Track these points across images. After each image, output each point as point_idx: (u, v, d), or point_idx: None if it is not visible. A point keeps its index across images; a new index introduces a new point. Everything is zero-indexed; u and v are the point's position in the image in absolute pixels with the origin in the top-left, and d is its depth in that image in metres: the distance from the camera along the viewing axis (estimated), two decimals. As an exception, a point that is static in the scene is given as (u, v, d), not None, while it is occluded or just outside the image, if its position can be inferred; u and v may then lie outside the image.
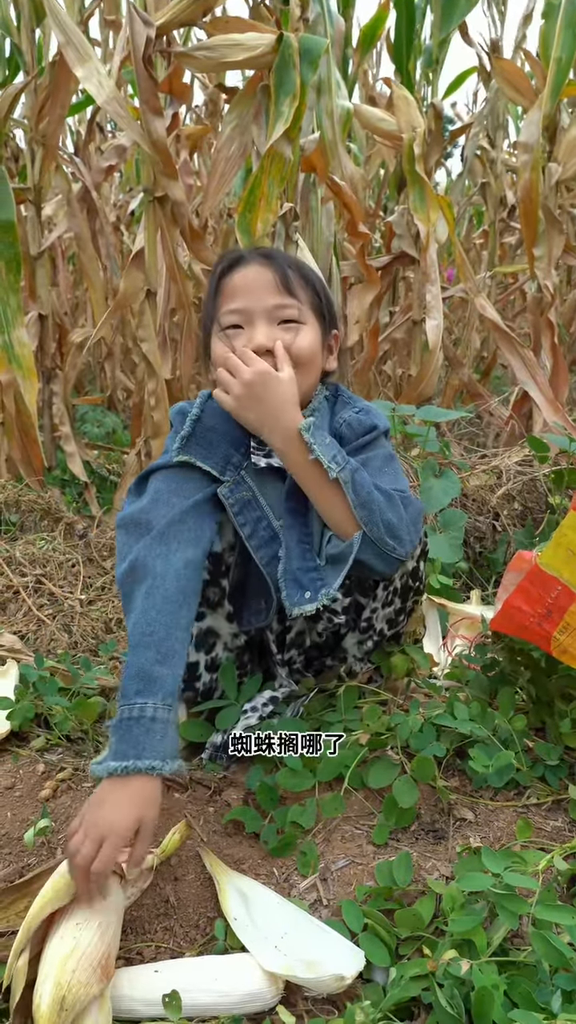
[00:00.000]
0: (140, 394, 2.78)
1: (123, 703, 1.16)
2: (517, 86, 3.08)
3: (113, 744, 1.14)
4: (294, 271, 1.36)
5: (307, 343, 1.36)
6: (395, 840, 1.29)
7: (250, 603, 1.47)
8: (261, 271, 1.35)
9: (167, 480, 1.36)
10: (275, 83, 2.24)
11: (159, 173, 2.37)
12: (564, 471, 2.17)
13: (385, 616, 1.49)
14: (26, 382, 2.62)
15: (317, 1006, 1.05)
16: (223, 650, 1.51)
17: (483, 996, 0.95)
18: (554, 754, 1.39)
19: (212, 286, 1.40)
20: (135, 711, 1.15)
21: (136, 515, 1.32)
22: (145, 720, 1.14)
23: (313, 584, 1.33)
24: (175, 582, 1.24)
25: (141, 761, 1.11)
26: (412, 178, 3.05)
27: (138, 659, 1.18)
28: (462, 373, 3.58)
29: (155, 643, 1.19)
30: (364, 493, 1.30)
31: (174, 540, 1.28)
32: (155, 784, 1.13)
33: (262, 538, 1.40)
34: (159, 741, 1.14)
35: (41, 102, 3.02)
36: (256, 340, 1.32)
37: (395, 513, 1.32)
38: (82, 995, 0.96)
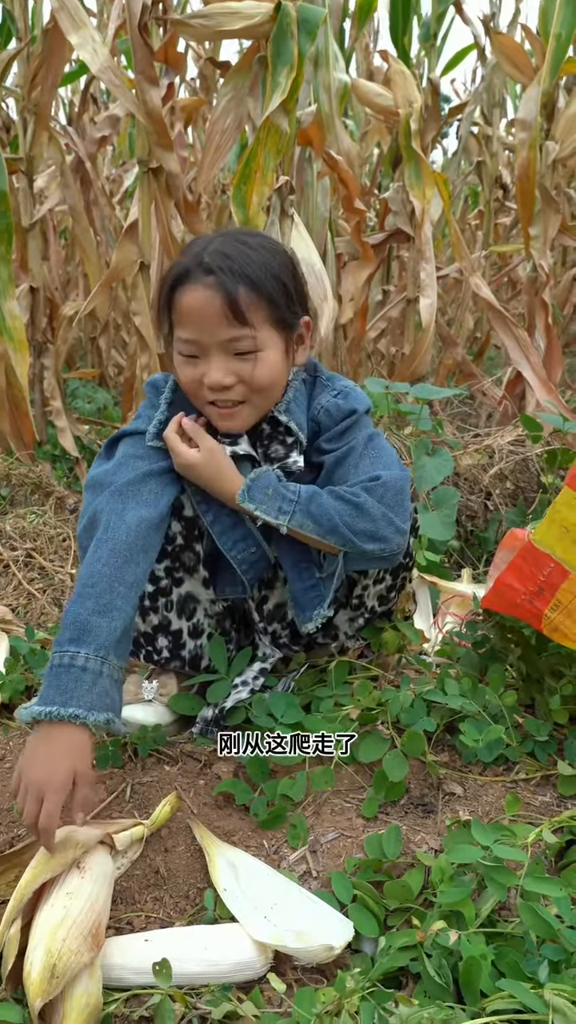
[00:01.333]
0: (132, 368, 2.76)
1: (55, 649, 1.15)
2: (516, 62, 3.05)
3: (42, 690, 1.13)
4: (245, 287, 1.26)
5: (266, 371, 1.31)
6: (384, 814, 1.30)
7: (224, 573, 1.47)
8: (210, 298, 1.25)
9: (135, 445, 1.38)
10: (272, 53, 2.21)
11: (154, 144, 2.34)
12: (557, 451, 2.17)
13: (376, 593, 1.49)
14: (17, 355, 2.60)
15: (306, 975, 1.06)
16: (204, 616, 1.51)
17: (471, 966, 0.96)
18: (543, 730, 1.40)
19: (165, 294, 1.32)
20: (66, 659, 1.14)
21: (101, 476, 1.33)
22: (75, 669, 1.13)
23: (311, 603, 1.39)
24: (124, 537, 1.24)
25: (65, 708, 1.10)
26: (408, 154, 3.02)
27: (76, 608, 1.18)
28: (455, 352, 3.57)
29: (95, 595, 1.19)
30: (325, 520, 1.31)
31: (132, 499, 1.29)
32: (83, 735, 1.11)
33: (225, 524, 1.40)
34: (86, 691, 1.12)
35: (34, 70, 2.97)
36: (212, 378, 1.29)
37: (367, 518, 1.32)
38: (72, 963, 0.96)
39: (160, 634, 1.49)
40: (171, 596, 1.47)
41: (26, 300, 3.20)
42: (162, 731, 1.45)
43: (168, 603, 1.47)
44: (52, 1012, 0.96)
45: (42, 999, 0.93)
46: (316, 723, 1.38)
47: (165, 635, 1.49)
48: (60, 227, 5.20)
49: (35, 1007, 0.93)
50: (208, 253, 1.28)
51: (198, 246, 1.31)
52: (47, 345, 3.30)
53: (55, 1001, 0.96)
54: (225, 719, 1.44)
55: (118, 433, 1.41)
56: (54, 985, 0.94)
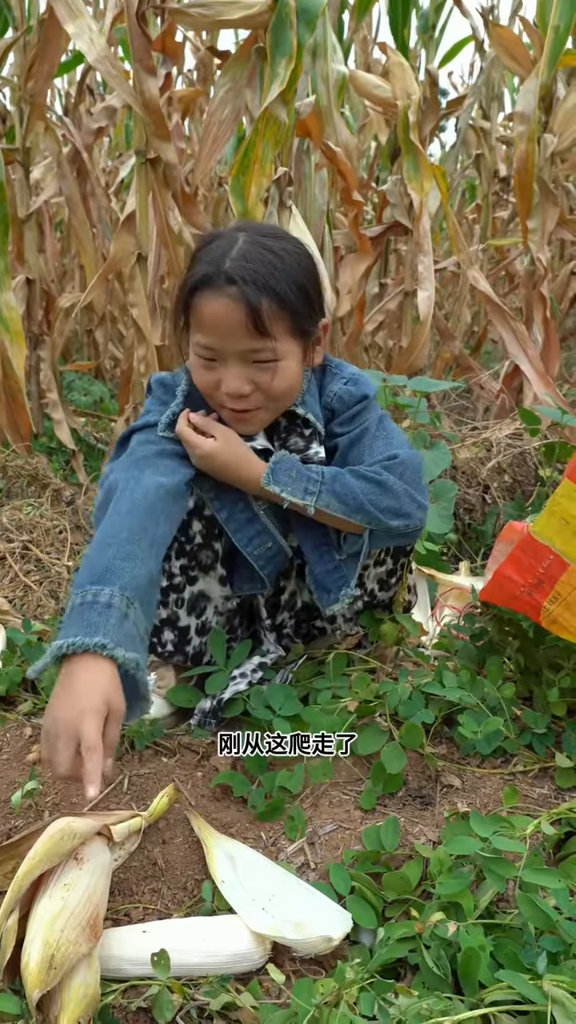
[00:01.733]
0: (129, 361, 2.75)
1: (76, 591, 1.07)
2: (514, 54, 3.04)
3: (61, 631, 1.04)
4: (268, 299, 1.23)
5: (284, 381, 1.31)
6: (382, 806, 1.30)
7: (241, 570, 1.47)
8: (231, 309, 1.22)
9: (148, 438, 1.37)
10: (271, 43, 2.20)
11: (151, 134, 2.33)
12: (555, 444, 2.17)
13: (376, 576, 1.50)
14: (14, 346, 2.59)
15: (304, 966, 1.06)
16: (214, 614, 1.51)
17: (470, 957, 0.96)
18: (541, 722, 1.40)
19: (184, 295, 1.29)
20: (88, 596, 1.06)
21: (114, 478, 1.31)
22: (99, 605, 1.05)
23: (336, 584, 1.39)
24: (143, 497, 1.22)
25: (92, 638, 1.01)
26: (406, 146, 3.01)
27: (97, 556, 1.11)
28: (453, 346, 3.56)
29: (117, 543, 1.13)
30: (351, 499, 1.32)
31: (148, 467, 1.29)
32: (111, 668, 1.02)
33: (240, 520, 1.40)
34: (114, 626, 1.03)
35: (30, 60, 2.95)
36: (229, 387, 1.29)
37: (390, 495, 1.33)
38: (71, 954, 0.96)
39: (167, 628, 1.48)
40: (183, 594, 1.46)
41: (22, 292, 3.19)
42: (159, 723, 1.45)
43: (179, 600, 1.47)
44: (50, 1002, 0.95)
45: (40, 990, 0.93)
46: (314, 715, 1.38)
47: (172, 629, 1.48)
48: (56, 219, 5.18)
49: (33, 997, 0.92)
50: (231, 259, 1.24)
51: (219, 248, 1.27)
52: (43, 337, 3.29)
53: (53, 991, 0.95)
54: (223, 711, 1.44)
55: (128, 430, 1.40)
56: (52, 976, 0.94)
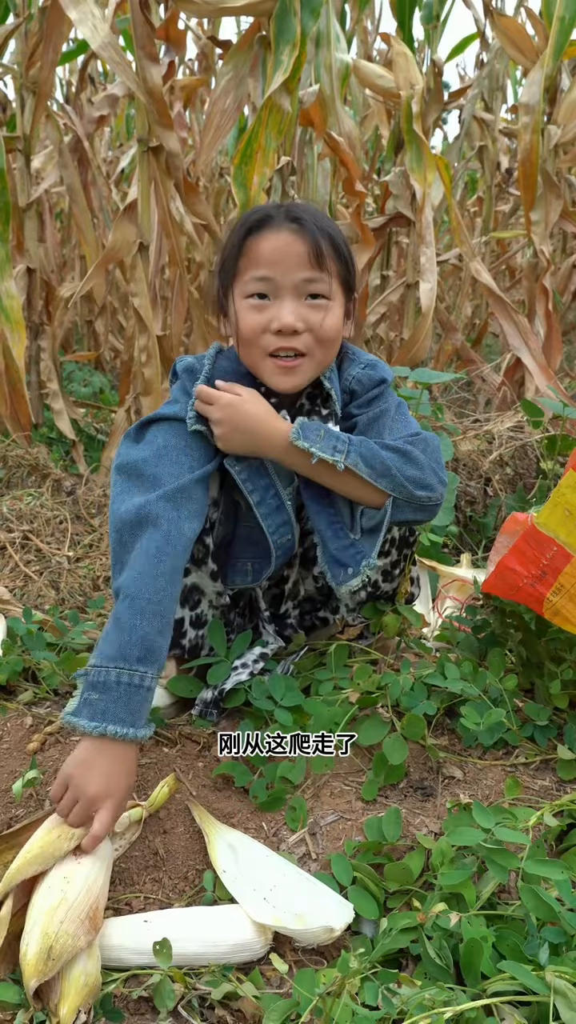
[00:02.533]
0: (130, 351, 2.74)
1: (123, 666, 1.14)
2: (519, 45, 3.02)
3: (103, 703, 1.12)
4: (326, 240, 1.29)
5: (334, 323, 1.32)
6: (384, 797, 1.30)
7: (235, 563, 1.47)
8: (293, 241, 1.27)
9: (175, 435, 1.33)
10: (275, 31, 2.18)
11: (154, 122, 2.31)
12: (557, 437, 2.17)
13: (381, 567, 1.49)
14: (14, 335, 2.57)
15: (306, 956, 1.06)
16: (208, 607, 1.50)
17: (472, 948, 0.96)
18: (543, 714, 1.39)
19: (236, 242, 1.32)
20: (136, 678, 1.14)
21: (140, 465, 1.28)
22: (143, 690, 1.15)
23: (354, 559, 1.36)
24: (183, 555, 1.24)
25: (139, 731, 1.13)
26: (409, 137, 3.00)
27: (144, 626, 1.17)
28: (454, 338, 3.55)
29: (160, 613, 1.19)
30: (378, 463, 1.31)
31: (185, 507, 1.26)
32: (136, 751, 1.16)
33: (270, 506, 1.39)
34: (148, 711, 1.16)
35: (32, 47, 2.93)
36: (283, 320, 1.28)
37: (415, 465, 1.33)
38: (69, 945, 0.96)
39: None
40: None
41: (23, 281, 3.17)
42: (160, 713, 1.44)
43: None
44: (50, 991, 0.95)
45: (37, 979, 0.92)
46: (316, 706, 1.38)
47: None
48: (56, 209, 5.16)
49: (30, 987, 0.92)
50: (287, 206, 1.31)
51: (271, 204, 1.34)
52: (43, 327, 3.28)
53: (52, 981, 0.95)
54: (224, 701, 1.43)
55: (151, 416, 1.37)
56: (50, 966, 0.94)
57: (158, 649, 1.17)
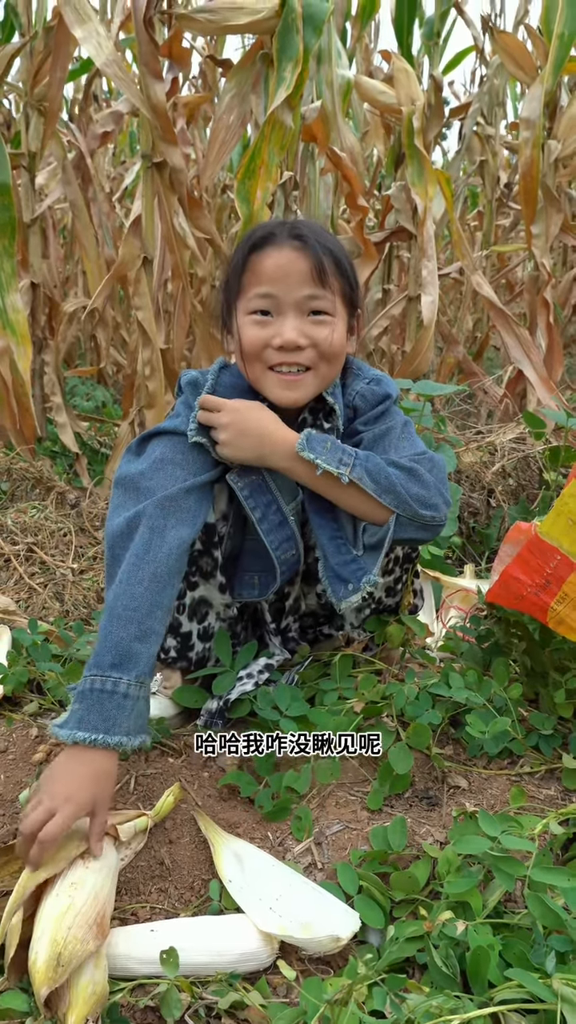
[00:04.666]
0: (133, 365, 2.75)
1: (96, 672, 1.14)
2: (519, 61, 3.05)
3: (80, 712, 1.12)
4: (328, 257, 1.30)
5: (337, 339, 1.32)
6: (389, 806, 1.30)
7: (242, 576, 1.47)
8: (295, 258, 1.28)
9: (173, 448, 1.33)
10: (277, 48, 2.21)
11: (158, 138, 2.34)
12: (560, 448, 2.17)
13: (384, 584, 1.49)
14: (20, 348, 2.59)
15: (312, 965, 1.05)
16: (215, 620, 1.50)
17: (479, 956, 0.96)
18: (548, 724, 1.39)
19: (239, 259, 1.33)
20: (108, 684, 1.14)
21: (136, 478, 1.29)
22: (118, 696, 1.14)
23: (354, 575, 1.34)
24: (166, 560, 1.22)
25: (111, 737, 1.11)
26: (411, 152, 3.02)
27: (118, 632, 1.17)
28: (456, 351, 3.57)
29: (137, 619, 1.18)
30: (383, 479, 1.30)
31: (173, 515, 1.26)
32: (113, 762, 1.13)
33: (272, 522, 1.39)
34: (127, 717, 1.14)
35: (37, 65, 2.97)
36: (285, 336, 1.29)
37: (421, 484, 1.32)
38: (78, 951, 0.96)
39: (169, 634, 1.47)
40: (184, 600, 1.45)
41: (26, 296, 3.19)
42: (166, 723, 1.45)
43: (180, 606, 1.45)
44: (58, 1000, 0.95)
45: (47, 987, 0.92)
46: (321, 716, 1.38)
47: (174, 636, 1.47)
48: (59, 226, 5.20)
49: (40, 995, 0.92)
50: (291, 223, 1.32)
51: (275, 221, 1.35)
52: (47, 341, 3.30)
53: (61, 989, 0.95)
54: (229, 711, 1.44)
55: (152, 430, 1.37)
56: (59, 973, 0.94)
57: (135, 655, 1.16)
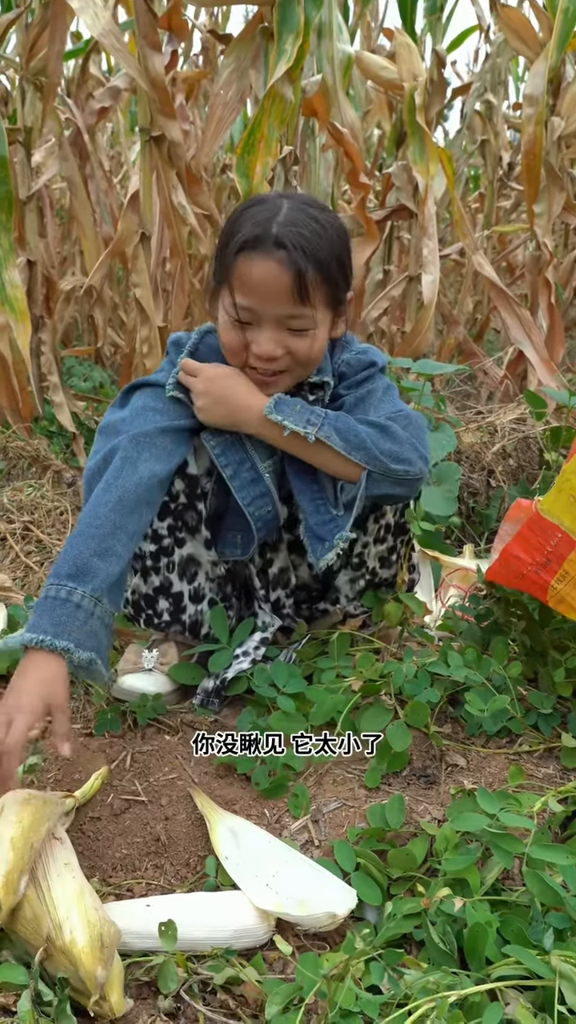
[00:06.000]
0: (131, 344, 2.73)
1: (53, 581, 1.15)
2: (523, 36, 3.01)
3: (32, 618, 1.14)
4: (313, 267, 1.26)
5: (312, 350, 1.33)
6: (387, 784, 1.29)
7: (225, 534, 1.47)
8: (278, 273, 1.25)
9: (153, 398, 1.37)
10: (278, 19, 2.17)
11: (156, 112, 2.30)
12: (562, 428, 2.16)
13: (377, 554, 1.49)
14: (19, 325, 2.56)
15: (309, 941, 1.05)
16: (205, 580, 1.50)
17: (476, 933, 0.95)
18: (547, 703, 1.38)
19: (229, 250, 1.30)
20: (63, 592, 1.15)
21: (116, 423, 1.34)
22: (71, 605, 1.14)
23: (331, 533, 1.36)
24: (134, 488, 1.25)
25: (59, 640, 1.11)
26: (412, 129, 2.98)
27: (77, 546, 1.19)
28: (456, 332, 3.54)
29: (99, 536, 1.20)
30: (352, 437, 1.31)
31: (146, 450, 1.29)
32: (60, 666, 1.12)
33: (244, 479, 1.39)
34: (78, 627, 1.13)
35: (33, 38, 2.92)
36: (263, 348, 1.30)
37: (393, 440, 1.33)
38: (114, 932, 0.96)
39: (161, 596, 1.47)
40: (173, 557, 1.46)
41: (23, 274, 3.16)
42: (162, 700, 1.44)
43: (170, 564, 1.46)
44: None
45: (103, 968, 0.91)
46: (318, 694, 1.37)
47: (166, 597, 1.47)
48: (56, 206, 5.15)
49: (98, 976, 0.91)
50: (279, 224, 1.26)
51: (265, 212, 1.29)
52: (44, 320, 3.26)
53: None
54: (226, 689, 1.43)
55: (135, 382, 1.41)
56: (106, 955, 0.93)
57: (92, 569, 1.17)
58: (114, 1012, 0.92)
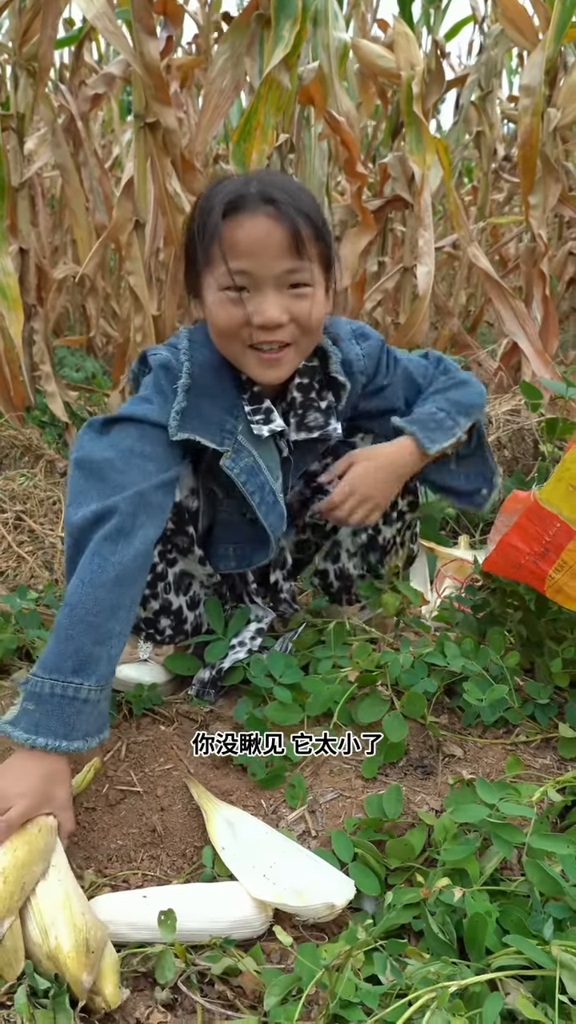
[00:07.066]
0: (125, 332, 2.71)
1: (58, 678, 1.09)
2: (519, 26, 2.99)
3: (37, 715, 1.08)
4: (305, 223, 1.20)
5: (316, 311, 1.25)
6: (384, 775, 1.28)
7: (216, 548, 1.45)
8: (271, 229, 1.18)
9: (143, 439, 1.25)
10: (275, 6, 2.15)
11: (151, 98, 2.28)
12: (558, 420, 2.15)
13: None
14: (11, 313, 2.54)
15: (307, 931, 1.04)
16: (200, 588, 1.49)
17: (476, 923, 0.95)
18: (544, 693, 1.38)
19: (207, 224, 1.21)
20: (69, 691, 1.09)
21: (103, 466, 1.20)
22: (78, 702, 1.09)
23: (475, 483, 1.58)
24: (132, 563, 1.16)
25: (71, 743, 1.09)
26: (409, 118, 2.97)
27: (79, 639, 1.11)
28: (451, 324, 3.53)
29: (97, 624, 1.12)
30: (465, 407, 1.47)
31: (143, 513, 1.19)
32: (65, 763, 1.12)
33: (268, 503, 1.36)
34: (85, 722, 1.10)
35: (26, 23, 2.89)
36: (268, 315, 1.21)
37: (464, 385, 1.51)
38: (101, 935, 0.95)
39: (162, 616, 1.45)
40: (167, 579, 1.43)
41: (15, 262, 3.13)
42: (157, 690, 1.43)
43: (167, 586, 1.43)
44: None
45: (89, 974, 0.91)
46: (314, 684, 1.36)
47: (167, 616, 1.45)
48: (48, 195, 5.11)
49: (85, 982, 0.90)
50: (260, 183, 1.21)
51: (238, 181, 1.23)
52: (36, 309, 3.24)
53: None
54: (222, 680, 1.42)
55: (123, 414, 1.27)
56: (93, 959, 0.92)
57: (95, 659, 1.11)
58: (109, 1004, 0.91)
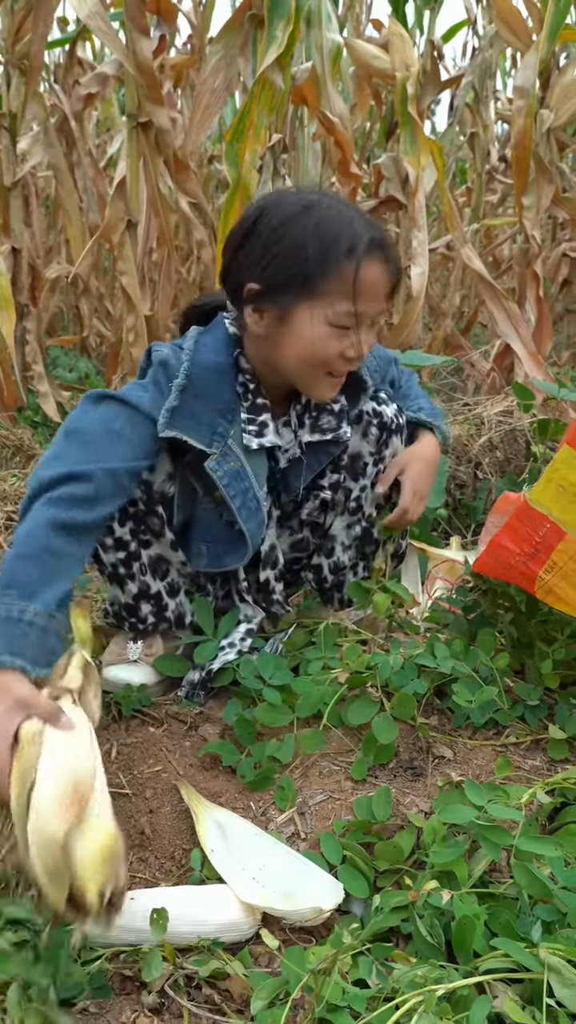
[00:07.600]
0: (118, 332, 2.70)
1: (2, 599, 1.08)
2: (513, 27, 2.99)
3: None
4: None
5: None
6: (373, 777, 1.28)
7: (191, 544, 1.47)
8: (384, 274, 1.29)
9: (129, 422, 1.28)
10: (268, 6, 2.15)
11: (144, 97, 2.27)
12: (550, 421, 2.15)
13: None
14: (3, 313, 2.53)
15: (295, 934, 1.04)
16: (177, 575, 1.49)
17: (464, 925, 0.94)
18: (534, 694, 1.38)
19: (327, 257, 1.24)
20: (14, 611, 1.07)
21: (82, 433, 1.24)
22: (23, 624, 1.07)
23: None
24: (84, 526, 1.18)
25: (15, 659, 1.03)
26: (404, 119, 2.96)
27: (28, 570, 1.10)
28: (444, 324, 3.53)
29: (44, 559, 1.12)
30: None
31: (110, 489, 1.22)
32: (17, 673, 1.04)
33: (250, 509, 1.37)
34: (32, 646, 1.06)
35: (18, 23, 2.88)
36: (363, 351, 1.32)
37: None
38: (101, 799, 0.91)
39: (142, 601, 1.45)
40: (142, 559, 1.43)
41: (8, 262, 3.12)
42: (147, 692, 1.42)
43: (142, 567, 1.43)
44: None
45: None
46: (304, 685, 1.35)
47: (147, 601, 1.45)
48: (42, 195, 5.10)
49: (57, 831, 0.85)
50: (366, 225, 1.28)
51: (340, 210, 1.28)
52: (29, 309, 3.23)
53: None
54: (212, 681, 1.41)
55: (118, 393, 1.30)
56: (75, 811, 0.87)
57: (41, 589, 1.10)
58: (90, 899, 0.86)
